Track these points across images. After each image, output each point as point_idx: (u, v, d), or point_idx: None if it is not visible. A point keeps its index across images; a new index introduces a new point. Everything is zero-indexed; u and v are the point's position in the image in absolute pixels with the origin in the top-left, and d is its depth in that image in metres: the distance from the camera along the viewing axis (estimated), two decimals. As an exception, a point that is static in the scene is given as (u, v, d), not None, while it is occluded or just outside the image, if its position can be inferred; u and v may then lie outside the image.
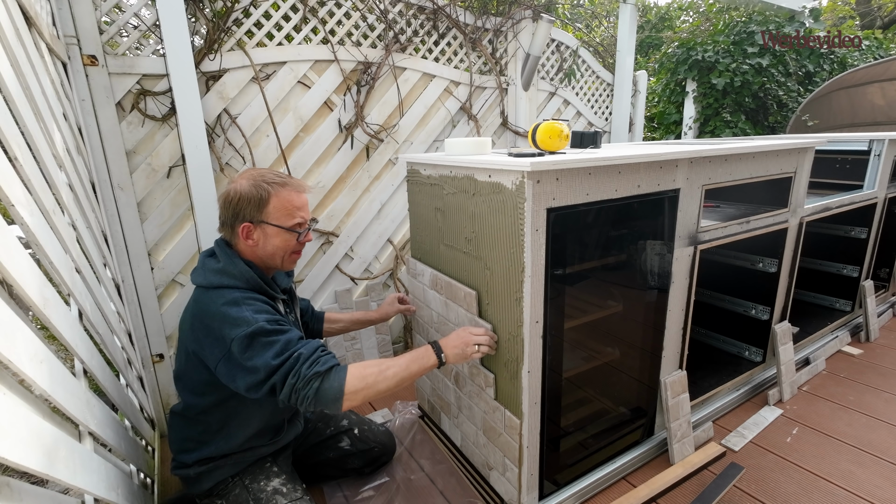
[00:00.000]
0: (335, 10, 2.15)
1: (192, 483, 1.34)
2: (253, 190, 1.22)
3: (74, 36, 1.59)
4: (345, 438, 1.60)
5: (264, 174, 1.26)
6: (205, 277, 1.24)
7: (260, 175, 1.25)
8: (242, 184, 1.23)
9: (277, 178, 1.26)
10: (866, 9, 6.86)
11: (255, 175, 1.25)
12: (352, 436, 1.61)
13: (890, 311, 2.80)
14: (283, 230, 1.25)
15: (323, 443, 1.59)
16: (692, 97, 4.25)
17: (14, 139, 0.87)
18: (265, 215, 1.23)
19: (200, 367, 1.22)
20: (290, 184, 1.27)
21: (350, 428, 1.63)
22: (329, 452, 1.59)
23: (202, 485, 1.33)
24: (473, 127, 2.68)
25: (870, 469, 1.61)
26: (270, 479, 1.34)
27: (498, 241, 1.25)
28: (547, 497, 1.45)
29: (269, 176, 1.26)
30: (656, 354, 1.61)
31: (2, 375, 0.68)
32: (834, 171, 2.66)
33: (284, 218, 1.25)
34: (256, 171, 1.27)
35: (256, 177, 1.24)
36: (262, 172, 1.27)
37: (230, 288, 1.20)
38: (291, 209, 1.26)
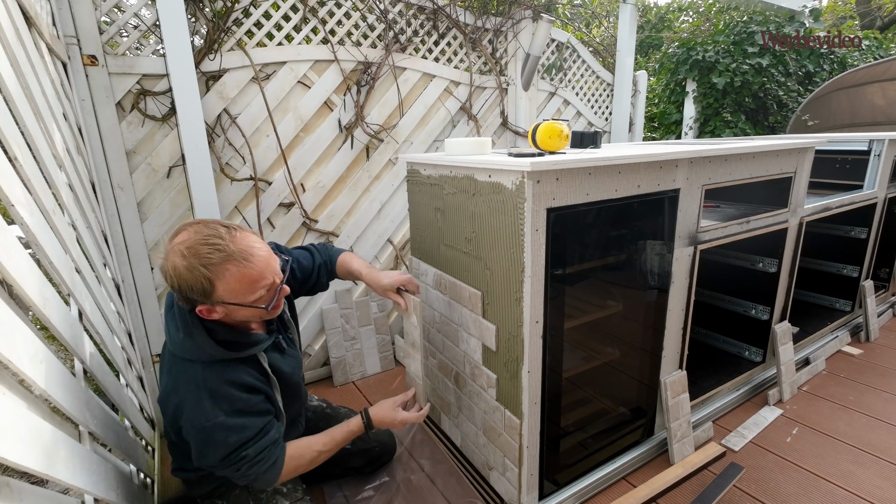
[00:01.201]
0: (335, 10, 2.15)
1: (193, 485, 1.34)
2: (190, 276, 1.01)
3: (74, 36, 1.59)
4: None
5: (197, 249, 1.00)
6: (170, 339, 1.13)
7: (193, 251, 1.00)
8: (177, 263, 1.01)
9: (216, 251, 1.01)
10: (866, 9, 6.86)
11: (188, 251, 1.01)
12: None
13: (890, 311, 2.80)
14: (246, 306, 1.08)
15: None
16: (692, 97, 4.25)
17: (14, 139, 0.87)
18: (217, 298, 1.04)
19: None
20: (234, 256, 1.02)
21: None
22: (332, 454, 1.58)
23: (203, 487, 1.33)
24: (473, 127, 2.68)
25: (870, 469, 1.61)
26: None
27: (498, 241, 1.25)
28: (547, 497, 1.45)
29: (204, 251, 1.00)
30: (656, 354, 1.61)
31: (2, 375, 0.68)
32: (834, 171, 2.66)
33: (242, 296, 1.06)
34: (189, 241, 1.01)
35: (189, 255, 1.00)
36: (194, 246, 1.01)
37: (191, 362, 1.09)
38: (246, 287, 1.06)
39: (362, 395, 2.21)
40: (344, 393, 2.24)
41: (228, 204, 1.99)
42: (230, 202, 1.99)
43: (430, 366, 1.82)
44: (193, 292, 1.03)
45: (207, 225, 1.05)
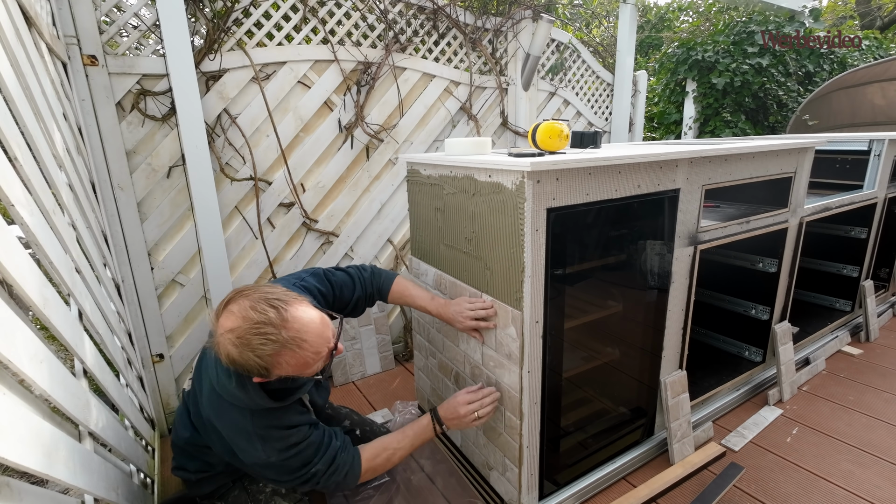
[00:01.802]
0: (335, 10, 2.15)
1: (193, 486, 1.35)
2: (245, 363, 0.99)
3: (74, 36, 1.59)
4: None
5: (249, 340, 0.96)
6: (218, 383, 1.10)
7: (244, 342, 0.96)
8: (230, 352, 0.98)
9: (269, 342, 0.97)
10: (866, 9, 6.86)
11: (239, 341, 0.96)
12: (353, 437, 1.61)
13: (890, 311, 2.80)
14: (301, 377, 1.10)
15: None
16: (692, 97, 4.25)
17: (14, 139, 0.87)
18: (273, 377, 1.05)
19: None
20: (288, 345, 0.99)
21: (352, 429, 1.63)
22: None
23: (203, 489, 1.34)
24: (473, 127, 2.68)
25: (870, 469, 1.61)
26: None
27: (498, 241, 1.25)
28: (547, 497, 1.45)
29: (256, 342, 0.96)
30: (656, 354, 1.61)
31: (2, 375, 0.68)
32: (834, 171, 2.66)
33: (299, 372, 1.05)
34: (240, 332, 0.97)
35: (241, 345, 0.96)
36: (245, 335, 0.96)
37: (241, 409, 1.09)
38: (302, 368, 1.04)
39: (362, 394, 2.21)
40: (344, 393, 2.24)
41: (228, 204, 1.99)
42: (230, 202, 1.99)
43: (430, 366, 1.83)
44: (250, 372, 1.02)
45: (256, 307, 0.98)
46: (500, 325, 1.31)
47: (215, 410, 1.13)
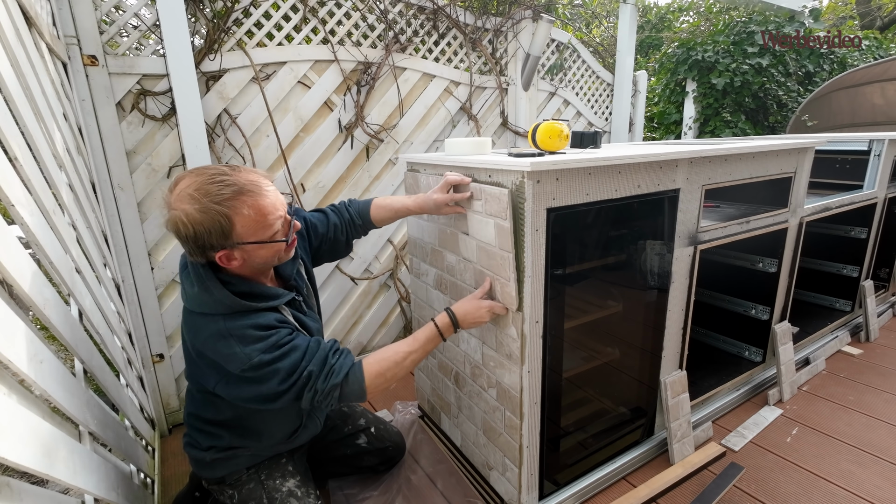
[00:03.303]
0: (335, 10, 2.15)
1: (204, 467, 1.28)
2: (205, 218, 0.96)
3: (74, 36, 1.59)
4: (362, 436, 1.61)
5: (207, 189, 0.96)
6: (187, 298, 1.09)
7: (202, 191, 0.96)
8: (188, 209, 0.96)
9: (226, 186, 0.97)
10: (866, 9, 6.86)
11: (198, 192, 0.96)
12: (369, 434, 1.62)
13: (890, 311, 2.80)
14: (266, 243, 1.05)
15: (341, 440, 1.58)
16: (692, 97, 4.25)
17: (14, 139, 0.87)
18: (236, 237, 1.00)
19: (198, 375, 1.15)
20: (245, 188, 0.99)
21: (367, 427, 1.63)
22: (346, 449, 1.59)
23: (215, 471, 1.28)
24: (473, 127, 2.68)
25: (870, 469, 1.61)
26: (286, 478, 1.32)
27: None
28: (547, 497, 1.45)
29: (214, 189, 0.96)
30: (656, 354, 1.61)
31: (2, 375, 0.68)
32: (834, 171, 2.66)
33: (260, 231, 1.03)
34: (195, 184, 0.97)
35: (200, 196, 0.96)
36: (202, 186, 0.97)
37: (211, 315, 1.05)
38: (264, 219, 1.02)
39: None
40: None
41: (228, 204, 1.98)
42: (230, 202, 1.99)
43: (430, 366, 1.83)
44: (212, 236, 0.98)
45: (206, 168, 1.01)
46: (500, 325, 1.31)
47: (192, 331, 1.07)
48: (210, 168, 1.01)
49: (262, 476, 1.30)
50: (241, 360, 1.01)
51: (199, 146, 1.80)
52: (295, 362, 1.05)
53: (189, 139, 1.77)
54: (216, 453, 1.25)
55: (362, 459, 1.61)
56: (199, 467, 1.31)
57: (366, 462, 1.62)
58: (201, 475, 1.32)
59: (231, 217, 0.98)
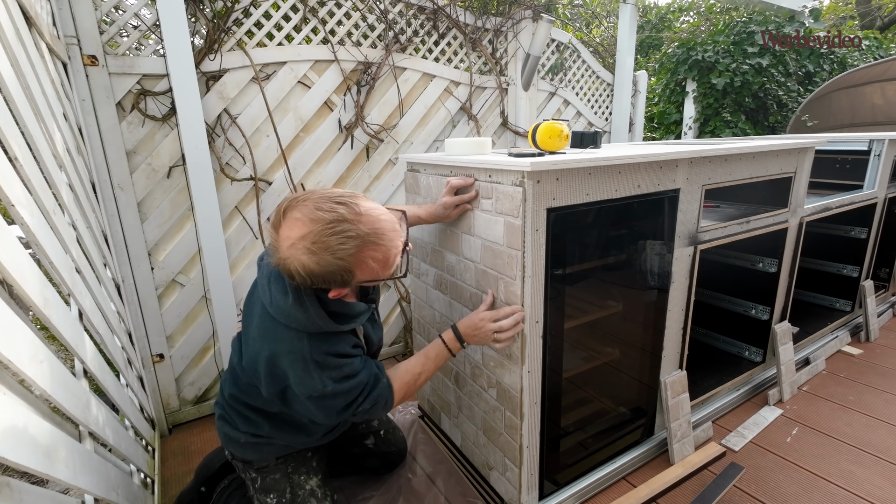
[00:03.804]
0: (335, 11, 2.15)
1: (234, 445, 1.27)
2: (325, 272, 0.92)
3: (74, 36, 1.59)
4: (371, 437, 1.61)
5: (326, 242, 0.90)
6: (271, 304, 1.02)
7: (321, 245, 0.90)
8: (305, 262, 0.91)
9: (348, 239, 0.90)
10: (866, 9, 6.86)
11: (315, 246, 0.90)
12: (378, 437, 1.62)
13: (890, 311, 2.80)
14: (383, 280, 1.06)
15: (352, 438, 1.59)
16: (692, 97, 4.25)
17: (14, 139, 0.87)
18: (356, 282, 0.99)
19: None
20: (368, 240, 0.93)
21: (378, 429, 1.64)
22: (354, 448, 1.60)
23: (245, 453, 1.28)
24: (473, 127, 2.68)
25: (870, 469, 1.61)
26: (310, 476, 1.33)
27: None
28: (547, 497, 1.45)
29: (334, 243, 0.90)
30: (656, 354, 1.61)
31: (2, 375, 0.68)
32: (834, 171, 2.66)
33: (381, 273, 1.00)
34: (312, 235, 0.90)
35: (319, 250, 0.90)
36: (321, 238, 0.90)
37: (298, 332, 1.02)
38: (386, 268, 1.00)
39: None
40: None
41: (229, 204, 1.99)
42: (230, 202, 1.99)
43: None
44: (329, 284, 0.96)
45: (322, 206, 0.91)
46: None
47: (268, 337, 1.03)
48: (324, 208, 0.91)
49: (289, 469, 1.31)
50: (314, 387, 1.02)
51: (199, 146, 1.80)
52: (353, 398, 1.08)
53: (189, 139, 1.77)
54: (251, 438, 1.25)
55: (366, 460, 1.62)
56: (228, 442, 1.29)
57: (369, 463, 1.62)
58: (229, 449, 1.31)
59: (353, 270, 0.95)
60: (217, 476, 1.48)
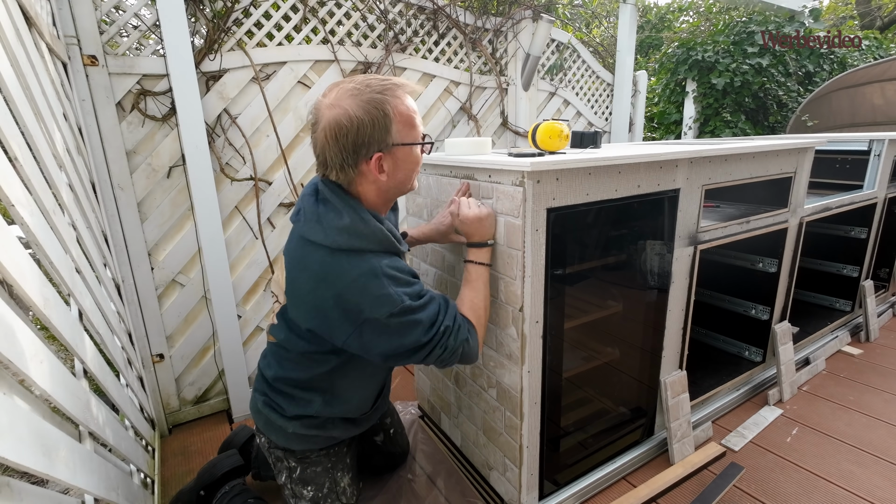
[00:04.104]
0: (335, 11, 2.15)
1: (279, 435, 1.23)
2: (371, 110, 0.97)
3: (74, 36, 1.59)
4: (380, 434, 1.60)
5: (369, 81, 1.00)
6: (326, 235, 1.01)
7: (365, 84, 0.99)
8: (350, 105, 0.97)
9: (386, 80, 1.00)
10: (866, 9, 6.86)
11: (360, 86, 0.99)
12: (387, 434, 1.62)
13: (890, 311, 2.80)
14: (413, 146, 1.05)
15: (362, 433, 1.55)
16: (692, 97, 4.25)
17: (14, 139, 0.87)
18: (393, 136, 1.01)
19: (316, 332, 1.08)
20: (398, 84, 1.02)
21: (389, 427, 1.63)
22: (363, 445, 1.59)
23: (291, 444, 1.24)
24: (473, 127, 2.68)
25: (870, 469, 1.61)
26: (345, 472, 1.34)
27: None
28: (547, 497, 1.45)
29: (375, 83, 0.99)
30: (656, 354, 1.61)
31: (2, 375, 0.68)
32: (834, 171, 2.66)
33: (410, 130, 1.03)
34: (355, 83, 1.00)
35: (364, 88, 0.98)
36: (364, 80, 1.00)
37: (364, 252, 1.01)
38: (412, 116, 1.03)
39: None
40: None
41: (229, 204, 1.99)
42: (230, 202, 1.99)
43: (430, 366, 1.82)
44: (374, 130, 0.98)
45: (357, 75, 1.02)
46: (500, 325, 1.31)
47: (332, 275, 1.00)
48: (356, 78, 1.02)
49: (330, 463, 1.31)
50: (394, 301, 0.99)
51: (199, 146, 1.80)
52: (433, 314, 1.05)
53: (189, 139, 1.77)
54: (301, 428, 1.21)
55: (372, 458, 1.62)
56: (271, 429, 1.24)
57: (374, 461, 1.62)
58: (269, 436, 1.26)
59: (390, 110, 0.99)
60: (219, 482, 1.48)
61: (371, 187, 1.06)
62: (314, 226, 1.03)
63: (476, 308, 1.19)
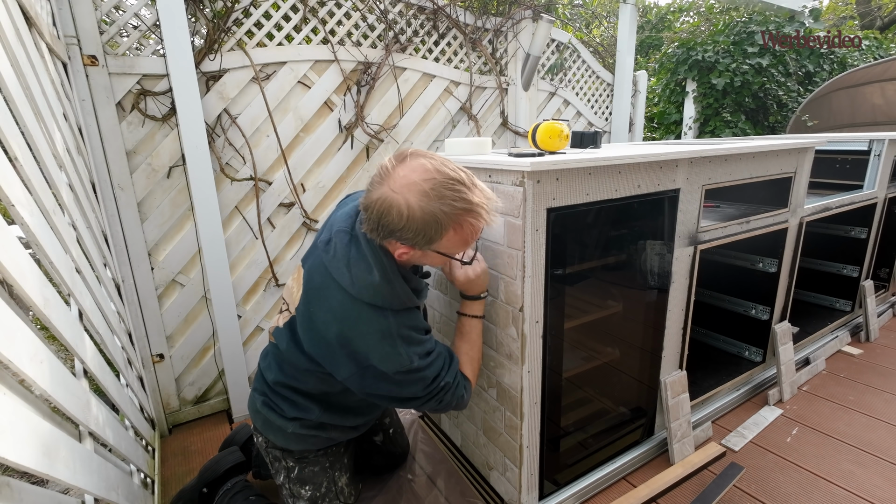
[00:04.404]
0: (335, 11, 2.15)
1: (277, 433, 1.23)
2: (422, 220, 0.93)
3: (74, 36, 1.59)
4: (380, 434, 1.61)
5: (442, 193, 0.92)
6: (353, 284, 1.02)
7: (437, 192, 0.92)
8: (413, 202, 0.91)
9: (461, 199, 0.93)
10: (866, 9, 6.86)
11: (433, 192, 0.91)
12: (386, 434, 1.63)
13: (890, 311, 2.80)
14: (447, 257, 1.05)
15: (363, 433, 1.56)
16: (692, 97, 4.25)
17: (14, 139, 0.87)
18: (434, 247, 0.99)
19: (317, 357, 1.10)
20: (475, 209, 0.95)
21: (388, 427, 1.64)
22: (363, 444, 1.60)
23: (289, 443, 1.25)
24: (473, 127, 2.68)
25: (870, 469, 1.61)
26: (343, 472, 1.35)
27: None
28: (547, 497, 1.45)
29: (449, 196, 0.92)
30: (656, 354, 1.61)
31: (2, 375, 0.68)
32: (834, 171, 2.66)
33: (456, 248, 1.02)
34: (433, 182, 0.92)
35: (433, 196, 0.91)
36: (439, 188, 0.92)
37: (383, 310, 1.03)
38: (466, 243, 1.01)
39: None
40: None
41: (229, 204, 1.99)
42: (230, 202, 1.99)
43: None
44: (417, 236, 0.95)
45: (447, 164, 0.95)
46: (500, 325, 1.31)
47: (348, 319, 1.02)
48: (450, 166, 0.96)
49: (328, 463, 1.31)
50: (402, 362, 1.03)
51: (199, 146, 1.80)
52: (437, 371, 1.10)
53: (189, 139, 1.77)
54: (300, 428, 1.22)
55: (372, 458, 1.62)
56: (269, 429, 1.25)
57: (374, 461, 1.63)
58: (267, 435, 1.27)
59: (447, 230, 0.96)
60: (221, 479, 1.48)
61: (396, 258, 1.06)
62: (343, 270, 1.04)
63: (473, 362, 1.26)
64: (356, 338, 1.03)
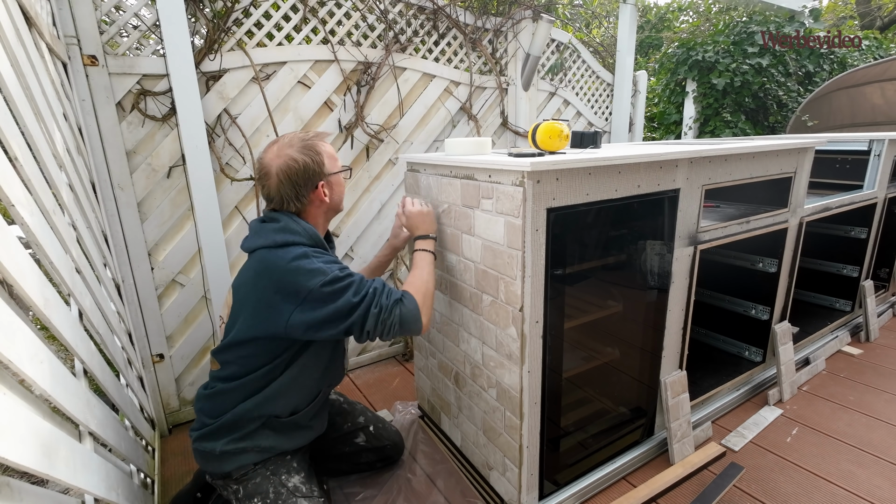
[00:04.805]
0: (335, 11, 2.15)
1: (212, 460, 1.29)
2: (308, 154, 1.26)
3: (74, 36, 1.59)
4: (360, 435, 1.62)
5: (299, 136, 1.29)
6: (266, 237, 1.24)
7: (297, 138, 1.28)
8: (291, 154, 1.25)
9: (307, 135, 1.30)
10: (866, 9, 6.86)
11: (291, 142, 1.27)
12: (367, 433, 1.63)
13: (890, 311, 2.80)
14: (340, 174, 1.36)
15: (340, 438, 1.60)
16: (692, 97, 4.25)
17: (14, 139, 0.87)
18: (327, 168, 1.30)
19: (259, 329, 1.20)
20: (318, 134, 1.34)
21: (366, 425, 1.64)
22: (345, 447, 1.60)
23: (223, 465, 1.28)
24: (473, 127, 2.68)
25: (870, 469, 1.61)
26: (291, 474, 1.33)
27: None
28: (547, 497, 1.45)
29: (300, 136, 1.30)
30: (656, 354, 1.61)
31: (2, 375, 0.68)
32: (834, 171, 2.66)
33: (335, 163, 1.34)
34: (285, 141, 1.28)
35: (295, 142, 1.27)
36: (294, 137, 1.29)
37: (296, 245, 1.22)
38: (334, 153, 1.35)
39: (363, 395, 2.21)
40: (344, 392, 2.23)
41: (229, 204, 1.99)
42: (230, 202, 1.99)
43: (430, 366, 1.83)
44: (314, 165, 1.25)
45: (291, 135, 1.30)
46: (500, 325, 1.31)
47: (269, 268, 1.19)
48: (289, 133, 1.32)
49: (269, 472, 1.30)
50: (324, 272, 1.17)
51: (199, 146, 1.80)
52: (360, 280, 1.23)
53: (189, 139, 1.77)
54: (228, 444, 1.26)
55: (360, 457, 1.62)
56: (205, 460, 1.30)
57: (364, 459, 1.63)
58: (207, 469, 1.32)
59: (321, 156, 1.28)
60: None
61: (317, 210, 1.32)
62: (255, 236, 1.26)
63: (415, 281, 1.34)
64: (281, 276, 1.17)
